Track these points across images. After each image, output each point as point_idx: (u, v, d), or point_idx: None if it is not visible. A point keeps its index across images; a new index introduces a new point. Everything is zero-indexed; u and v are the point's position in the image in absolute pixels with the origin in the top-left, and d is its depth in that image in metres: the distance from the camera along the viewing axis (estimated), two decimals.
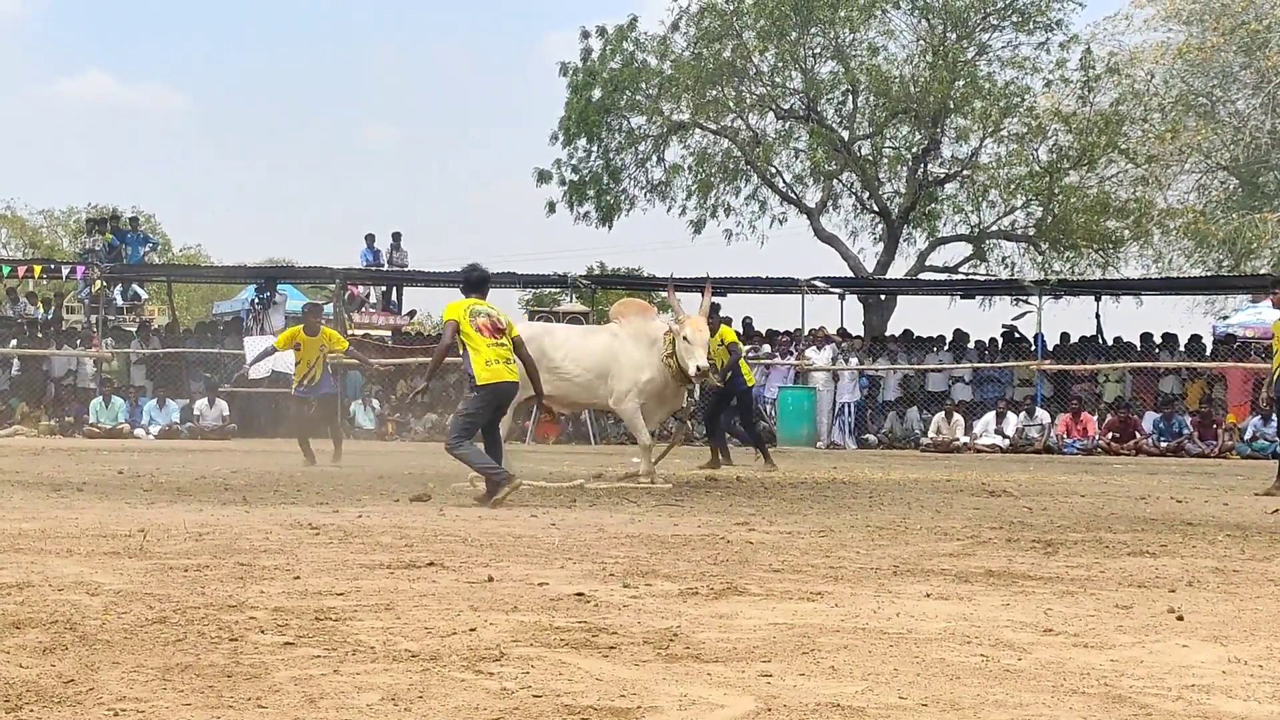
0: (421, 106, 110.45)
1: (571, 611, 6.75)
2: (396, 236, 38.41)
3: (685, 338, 16.28)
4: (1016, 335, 34.78)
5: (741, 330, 35.15)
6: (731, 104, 40.92)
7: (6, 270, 36.61)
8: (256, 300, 36.20)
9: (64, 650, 5.57)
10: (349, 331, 34.40)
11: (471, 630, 6.14)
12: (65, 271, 36.84)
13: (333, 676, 5.19)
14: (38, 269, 36.43)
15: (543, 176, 41.74)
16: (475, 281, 14.35)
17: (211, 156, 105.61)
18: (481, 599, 7.06)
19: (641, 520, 11.80)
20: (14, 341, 33.32)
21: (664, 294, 20.65)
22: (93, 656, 5.46)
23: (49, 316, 36.40)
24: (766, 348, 34.32)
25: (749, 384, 21.55)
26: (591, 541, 9.95)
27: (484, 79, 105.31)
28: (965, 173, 40.09)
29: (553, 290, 40.91)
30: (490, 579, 7.75)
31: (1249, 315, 32.98)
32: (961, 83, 38.61)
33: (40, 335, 34.78)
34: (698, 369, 16.24)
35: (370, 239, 38.22)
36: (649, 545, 9.76)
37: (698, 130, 41.61)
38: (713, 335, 20.09)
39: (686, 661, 5.58)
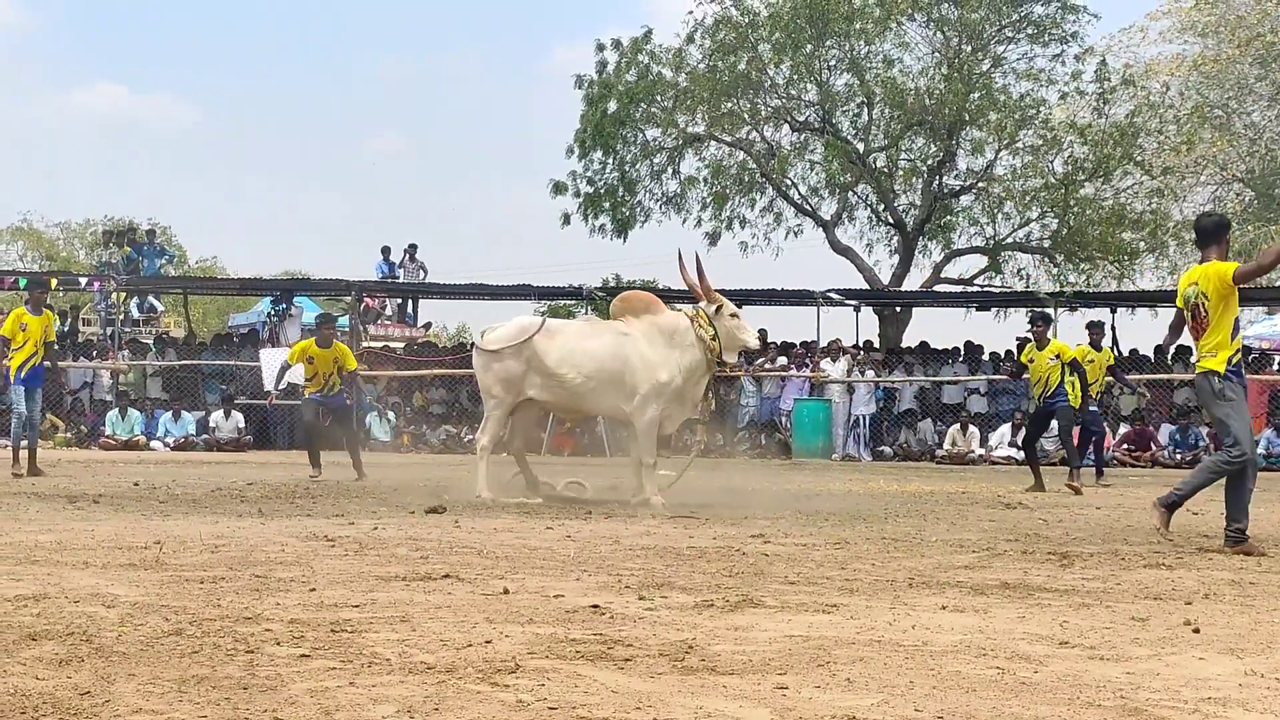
0: (435, 119, 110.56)
1: (587, 624, 6.75)
2: (412, 248, 38.44)
3: (734, 314, 15.91)
4: None
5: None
6: (747, 116, 40.90)
7: (23, 282, 36.63)
8: (272, 312, 36.24)
9: (80, 662, 5.58)
10: (364, 343, 34.46)
11: (487, 642, 6.15)
12: (82, 284, 36.88)
13: (348, 689, 5.20)
14: (54, 281, 36.46)
15: (558, 189, 41.71)
16: None
17: (226, 168, 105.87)
18: (497, 611, 7.06)
19: (657, 532, 11.80)
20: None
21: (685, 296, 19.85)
22: (109, 668, 5.47)
23: (65, 329, 36.44)
24: (782, 360, 34.28)
25: (1073, 404, 20.38)
26: (607, 554, 9.95)
27: (498, 92, 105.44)
28: (980, 185, 40.04)
29: (568, 302, 40.90)
30: (506, 591, 7.75)
31: (1264, 327, 32.90)
32: (977, 95, 38.55)
33: (57, 347, 34.82)
34: (748, 347, 16.13)
35: (386, 251, 38.26)
36: (664, 557, 9.76)
37: (713, 142, 41.56)
38: (1042, 349, 19.89)
39: (702, 674, 5.58)
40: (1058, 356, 19.76)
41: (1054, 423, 20.37)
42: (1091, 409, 21.81)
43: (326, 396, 20.45)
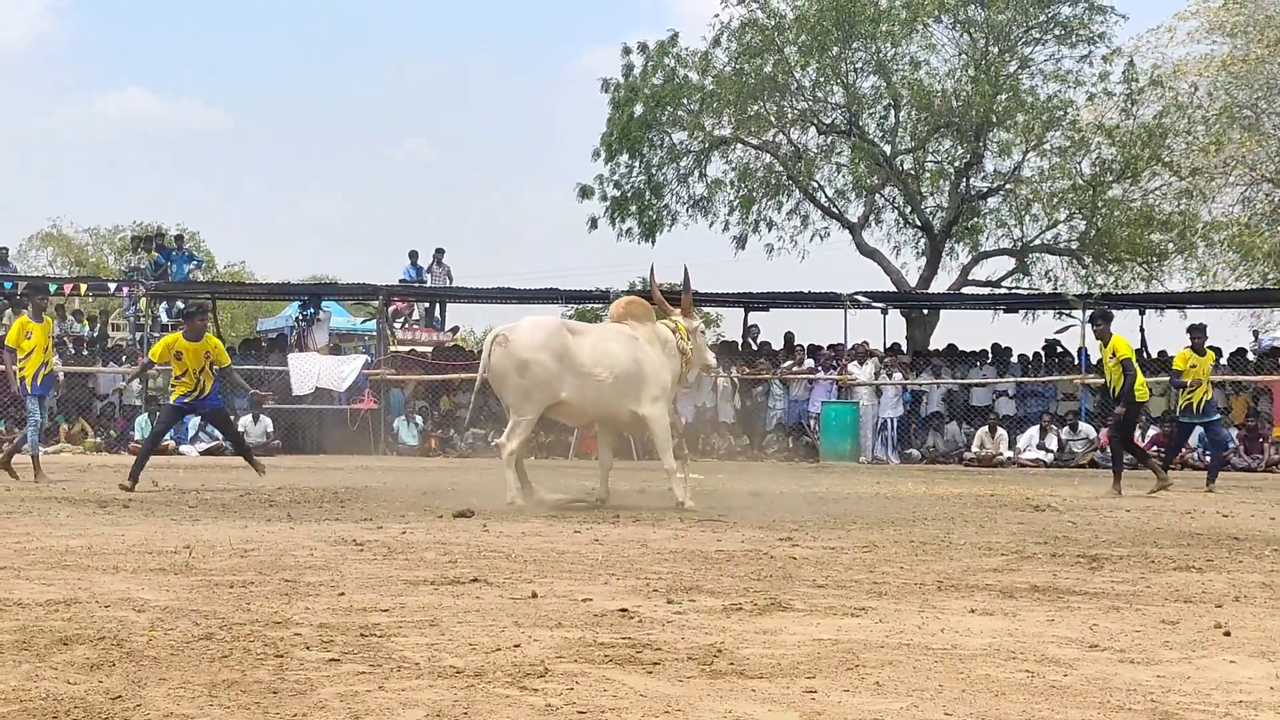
0: (461, 124, 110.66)
1: (615, 627, 6.75)
2: (439, 253, 38.48)
3: (702, 330, 16.03)
4: (1060, 349, 34.62)
5: (783, 344, 35.14)
6: (773, 119, 40.88)
7: (53, 288, 36.77)
8: (300, 317, 36.30)
9: (111, 667, 5.60)
10: (391, 347, 34.51)
11: (516, 646, 6.15)
12: (111, 289, 37.00)
13: (378, 693, 5.21)
14: (83, 287, 36.62)
15: (585, 192, 41.74)
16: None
17: (254, 174, 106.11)
18: (526, 615, 7.07)
19: (685, 536, 11.79)
20: (59, 359, 33.45)
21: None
22: (140, 673, 5.49)
23: (95, 334, 36.57)
24: (809, 363, 34.27)
25: (1141, 400, 20.24)
26: (635, 557, 9.95)
27: (524, 96, 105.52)
28: (1008, 186, 39.95)
29: (595, 306, 40.94)
30: (534, 595, 7.76)
31: None
32: (1004, 96, 38.45)
33: (86, 352, 34.95)
34: (709, 367, 16.24)
35: (414, 255, 38.29)
36: (692, 561, 9.76)
37: (740, 145, 41.55)
38: (1105, 344, 19.89)
39: (730, 678, 5.58)
40: (1114, 355, 19.73)
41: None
42: (1214, 416, 21.74)
43: (198, 400, 17.95)
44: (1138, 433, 22.12)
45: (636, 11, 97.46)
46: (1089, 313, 23.61)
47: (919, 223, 40.99)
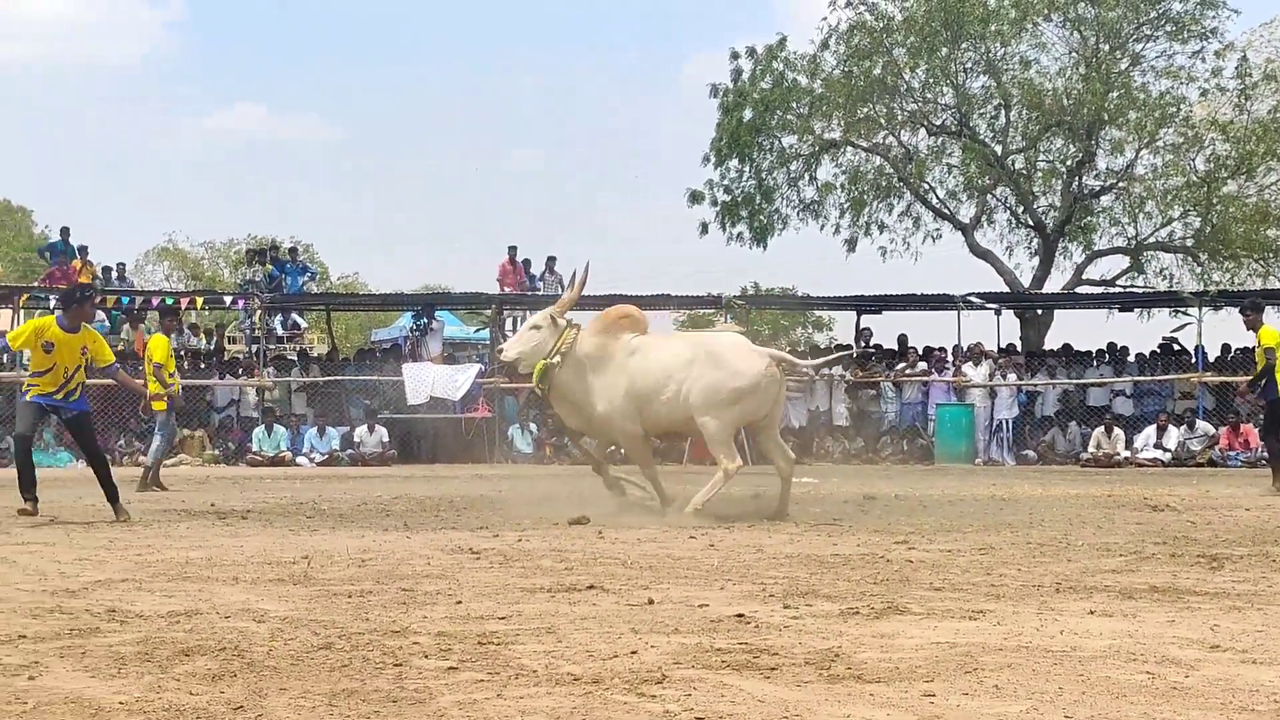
0: (571, 132, 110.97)
1: (732, 633, 6.75)
2: (551, 260, 38.55)
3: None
4: (1176, 348, 34.26)
5: (897, 347, 34.99)
6: (883, 121, 40.75)
7: (170, 302, 37.22)
8: (414, 327, 36.49)
9: (232, 677, 5.66)
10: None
11: (633, 653, 6.16)
12: (226, 302, 37.35)
13: (496, 701, 5.23)
14: (199, 300, 36.98)
15: (695, 197, 41.76)
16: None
17: (365, 185, 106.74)
18: (642, 621, 7.08)
19: (800, 540, 11.77)
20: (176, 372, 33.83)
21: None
22: (260, 683, 5.54)
23: (211, 347, 36.92)
24: (923, 365, 34.09)
25: None
26: (751, 562, 9.94)
27: (633, 103, 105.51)
28: (1121, 184, 39.58)
29: (707, 311, 40.91)
30: (650, 601, 7.77)
31: None
32: (1115, 94, 38.13)
33: (203, 365, 35.30)
34: None
35: (526, 264, 38.38)
36: (808, 565, 9.74)
37: (849, 148, 41.43)
38: (1254, 333, 19.75)
39: (848, 682, 5.57)
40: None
41: None
42: None
43: (64, 402, 14.74)
44: None
45: (744, 17, 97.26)
46: (1242, 303, 23.10)
47: (1031, 222, 40.68)
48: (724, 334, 15.63)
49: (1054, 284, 40.49)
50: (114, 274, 36.91)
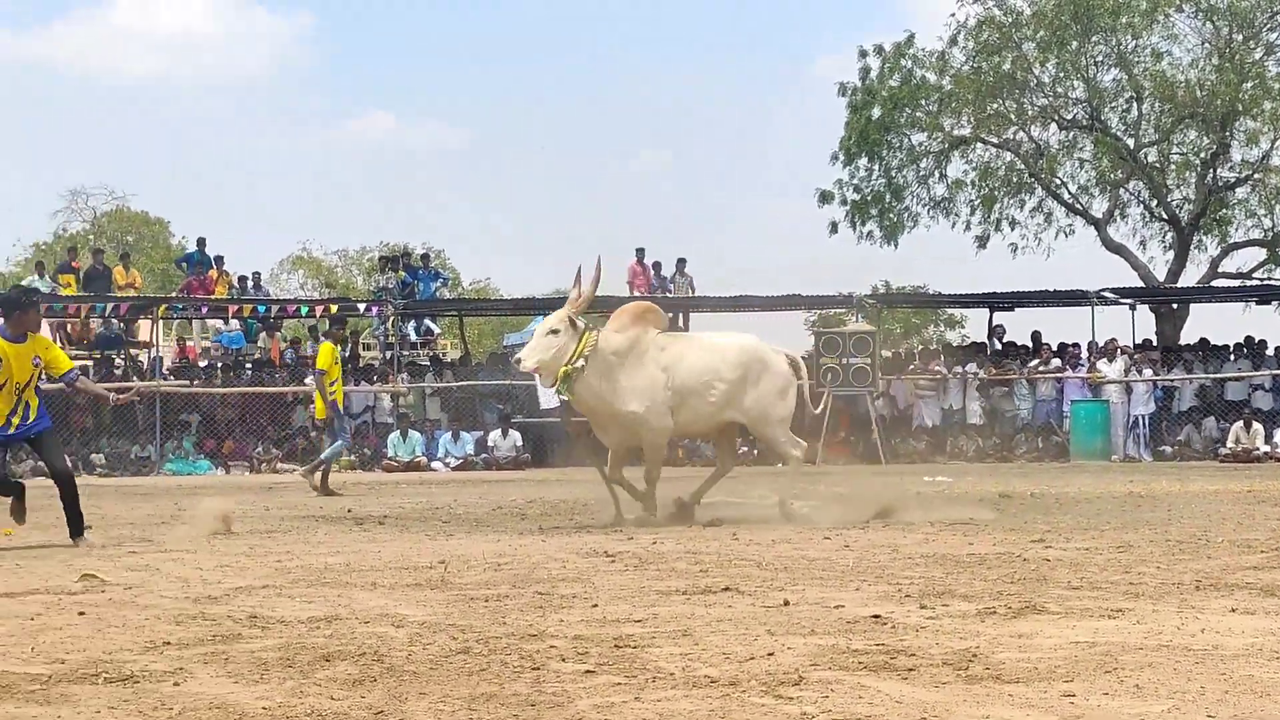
0: (698, 132, 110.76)
1: (869, 634, 6.73)
2: (681, 262, 38.56)
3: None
4: None
5: (1030, 344, 34.73)
6: (1013, 116, 40.50)
7: (305, 310, 37.65)
8: None
9: (373, 682, 5.71)
10: None
11: (769, 655, 6.16)
12: (360, 309, 37.66)
13: (634, 704, 5.24)
14: (334, 308, 37.31)
15: (824, 197, 41.71)
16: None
17: (495, 191, 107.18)
18: (778, 623, 7.07)
19: (935, 540, 11.71)
20: (310, 378, 34.12)
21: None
22: (400, 687, 5.59)
23: (345, 354, 37.24)
24: (1056, 361, 33.80)
25: None
26: (886, 563, 9.91)
27: (760, 103, 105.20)
28: (1257, 176, 39.10)
29: (838, 311, 40.83)
30: (786, 603, 7.76)
31: None
32: (1250, 85, 37.66)
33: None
34: None
35: (657, 266, 38.40)
36: (944, 565, 9.70)
37: (979, 144, 41.22)
38: None
39: (987, 683, 5.54)
40: None
41: None
42: None
43: (20, 431, 12.73)
44: None
45: (872, 15, 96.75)
46: None
47: (1165, 216, 40.27)
48: (743, 336, 15.30)
49: (1189, 278, 40.08)
50: (249, 283, 37.37)
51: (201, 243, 37.25)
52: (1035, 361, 33.80)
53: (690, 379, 14.24)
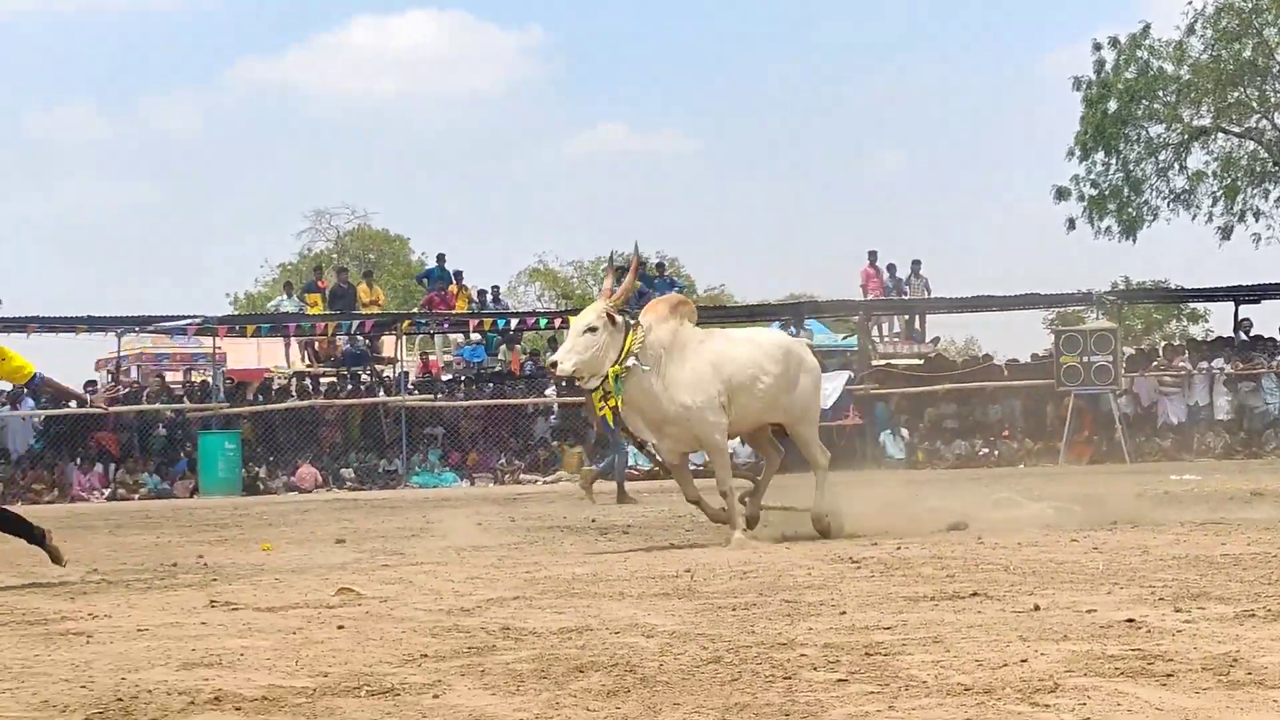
0: (932, 132, 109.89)
1: (1123, 638, 6.64)
2: (915, 264, 38.33)
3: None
4: None
5: (1278, 337, 33.99)
6: (1255, 104, 39.66)
7: (543, 322, 37.96)
8: None
9: (626, 693, 5.75)
10: (873, 362, 34.51)
11: (1023, 661, 6.10)
12: None
13: (888, 713, 5.23)
14: (571, 319, 37.69)
15: (1061, 194, 41.17)
16: None
17: (728, 197, 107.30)
18: (1030, 628, 7.00)
19: (1187, 541, 11.50)
20: (551, 389, 34.44)
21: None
22: (654, 698, 5.62)
23: None
24: None
25: None
26: (1137, 565, 9.75)
27: (993, 100, 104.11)
28: None
29: (1077, 308, 40.27)
30: (1036, 608, 7.68)
31: None
32: None
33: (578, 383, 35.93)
34: None
35: (892, 269, 38.20)
36: (1197, 566, 9.53)
37: (1220, 134, 40.42)
38: None
39: (1249, 688, 5.43)
40: None
41: None
42: None
43: None
44: None
45: (1105, 7, 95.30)
46: None
47: None
48: (772, 330, 14.86)
49: None
50: (489, 296, 37.77)
51: (441, 258, 37.74)
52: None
53: (738, 372, 13.41)
